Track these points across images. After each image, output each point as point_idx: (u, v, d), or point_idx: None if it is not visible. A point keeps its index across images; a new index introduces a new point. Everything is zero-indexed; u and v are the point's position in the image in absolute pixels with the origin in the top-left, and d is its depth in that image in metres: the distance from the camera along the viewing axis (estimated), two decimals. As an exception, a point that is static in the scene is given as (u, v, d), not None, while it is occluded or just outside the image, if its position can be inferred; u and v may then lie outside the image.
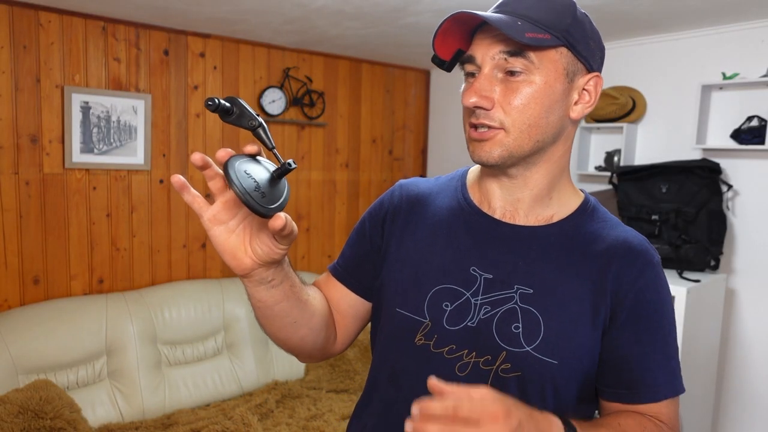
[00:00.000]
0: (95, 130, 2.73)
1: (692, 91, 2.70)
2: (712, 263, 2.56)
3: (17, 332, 2.39)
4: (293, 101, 3.37)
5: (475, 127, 0.79)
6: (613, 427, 0.74)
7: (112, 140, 2.79)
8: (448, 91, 3.95)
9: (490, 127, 0.78)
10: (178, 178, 0.66)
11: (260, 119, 0.66)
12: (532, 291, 0.79)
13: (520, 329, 0.78)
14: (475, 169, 0.94)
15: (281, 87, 3.30)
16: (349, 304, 0.94)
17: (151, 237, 2.98)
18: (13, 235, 2.57)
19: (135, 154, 2.86)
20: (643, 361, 0.79)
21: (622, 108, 2.85)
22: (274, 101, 3.28)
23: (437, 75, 4.03)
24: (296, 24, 2.78)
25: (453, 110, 3.90)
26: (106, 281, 2.85)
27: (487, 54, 0.77)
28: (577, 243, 0.82)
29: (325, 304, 0.90)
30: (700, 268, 2.53)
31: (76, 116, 2.67)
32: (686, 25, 2.63)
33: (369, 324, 0.99)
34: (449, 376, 0.80)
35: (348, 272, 0.94)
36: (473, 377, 0.78)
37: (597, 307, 0.78)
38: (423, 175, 4.09)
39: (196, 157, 0.65)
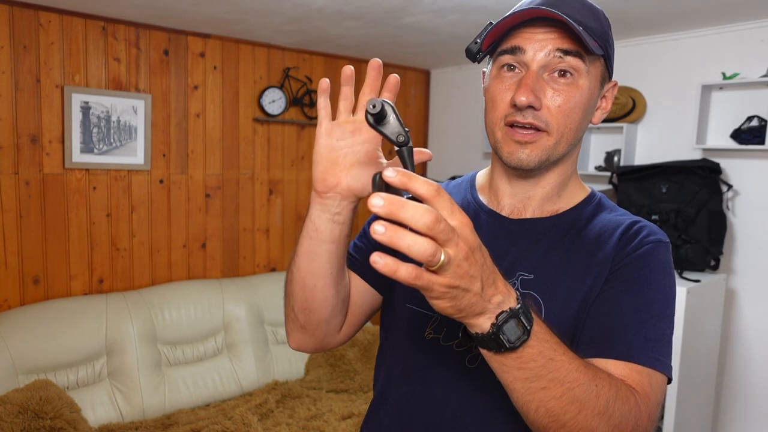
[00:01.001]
0: (95, 130, 2.73)
1: (692, 91, 2.70)
2: (712, 263, 2.56)
3: (17, 332, 2.39)
4: (293, 101, 3.37)
5: (514, 126, 0.77)
6: (571, 356, 0.64)
7: (112, 140, 2.79)
8: (448, 91, 3.95)
9: (536, 128, 0.76)
10: (324, 82, 0.71)
11: (408, 137, 0.62)
12: (533, 276, 0.79)
13: None
14: (483, 172, 0.94)
15: (281, 87, 3.30)
16: (360, 294, 0.92)
17: (151, 237, 2.98)
18: (13, 235, 2.57)
19: (135, 154, 2.86)
20: (617, 317, 0.74)
21: (622, 108, 2.85)
22: (274, 101, 3.28)
23: (437, 75, 4.03)
24: (296, 24, 2.78)
25: (453, 110, 3.90)
26: (106, 281, 2.85)
27: (541, 49, 0.75)
28: (582, 229, 0.82)
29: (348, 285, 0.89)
30: (700, 268, 2.53)
31: (76, 116, 2.67)
32: (686, 25, 2.63)
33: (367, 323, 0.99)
34: (460, 368, 0.80)
35: (362, 262, 0.92)
36: (483, 368, 0.78)
37: (598, 280, 0.77)
38: (423, 175, 4.09)
39: (348, 71, 0.71)
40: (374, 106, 0.60)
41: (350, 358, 3.10)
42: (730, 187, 2.57)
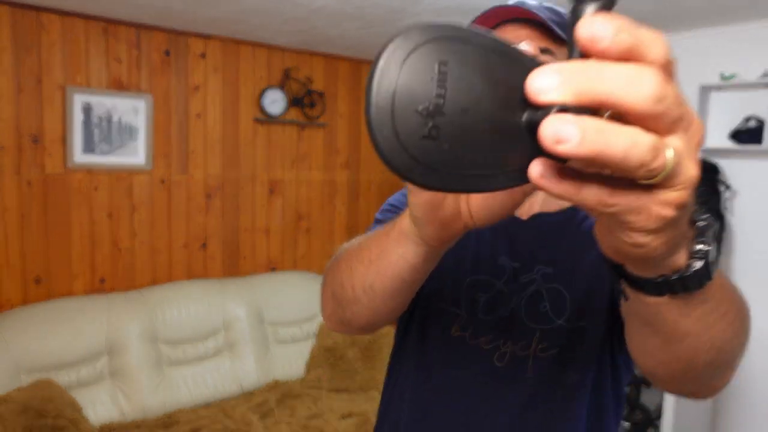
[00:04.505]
0: (97, 130, 2.74)
1: (691, 92, 2.70)
2: (711, 263, 2.57)
3: (19, 332, 2.40)
4: (293, 101, 3.38)
5: None
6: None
7: (113, 140, 2.80)
8: (448, 91, 3.95)
9: None
10: None
11: None
12: (552, 270, 0.81)
13: (548, 307, 0.79)
14: None
15: (281, 87, 3.31)
16: None
17: (152, 237, 2.99)
18: (15, 235, 2.58)
19: (136, 155, 2.87)
20: None
21: (622, 108, 2.86)
22: (275, 101, 3.29)
23: (437, 75, 4.03)
24: (296, 24, 2.79)
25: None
26: (107, 281, 2.86)
27: (528, 45, 0.79)
28: (592, 219, 0.83)
29: None
30: (699, 268, 2.54)
31: (78, 117, 2.68)
32: (685, 25, 2.64)
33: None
34: (488, 366, 0.81)
35: None
36: (512, 365, 0.80)
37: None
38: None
39: None
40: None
41: (350, 358, 3.11)
42: (728, 187, 2.58)
